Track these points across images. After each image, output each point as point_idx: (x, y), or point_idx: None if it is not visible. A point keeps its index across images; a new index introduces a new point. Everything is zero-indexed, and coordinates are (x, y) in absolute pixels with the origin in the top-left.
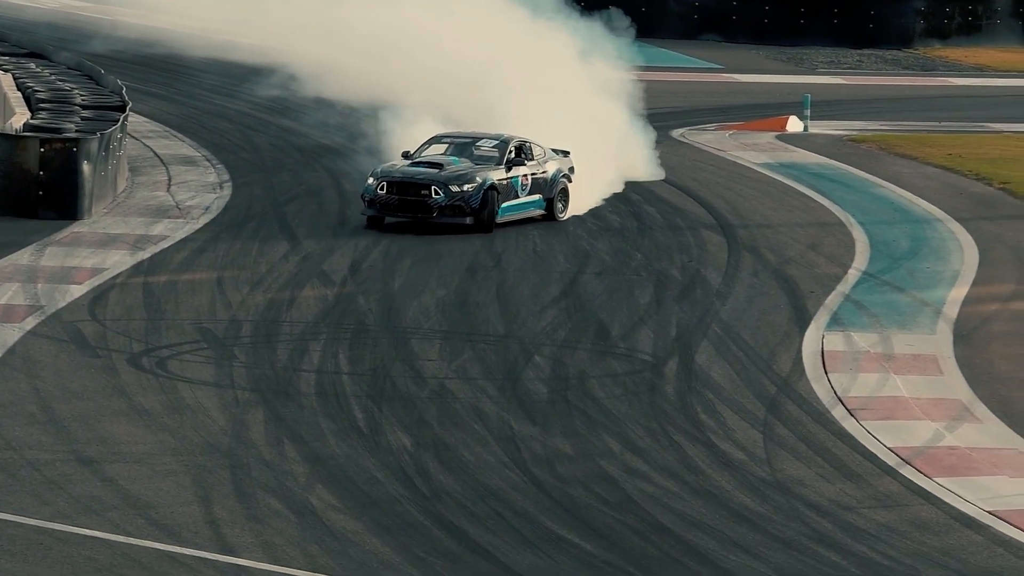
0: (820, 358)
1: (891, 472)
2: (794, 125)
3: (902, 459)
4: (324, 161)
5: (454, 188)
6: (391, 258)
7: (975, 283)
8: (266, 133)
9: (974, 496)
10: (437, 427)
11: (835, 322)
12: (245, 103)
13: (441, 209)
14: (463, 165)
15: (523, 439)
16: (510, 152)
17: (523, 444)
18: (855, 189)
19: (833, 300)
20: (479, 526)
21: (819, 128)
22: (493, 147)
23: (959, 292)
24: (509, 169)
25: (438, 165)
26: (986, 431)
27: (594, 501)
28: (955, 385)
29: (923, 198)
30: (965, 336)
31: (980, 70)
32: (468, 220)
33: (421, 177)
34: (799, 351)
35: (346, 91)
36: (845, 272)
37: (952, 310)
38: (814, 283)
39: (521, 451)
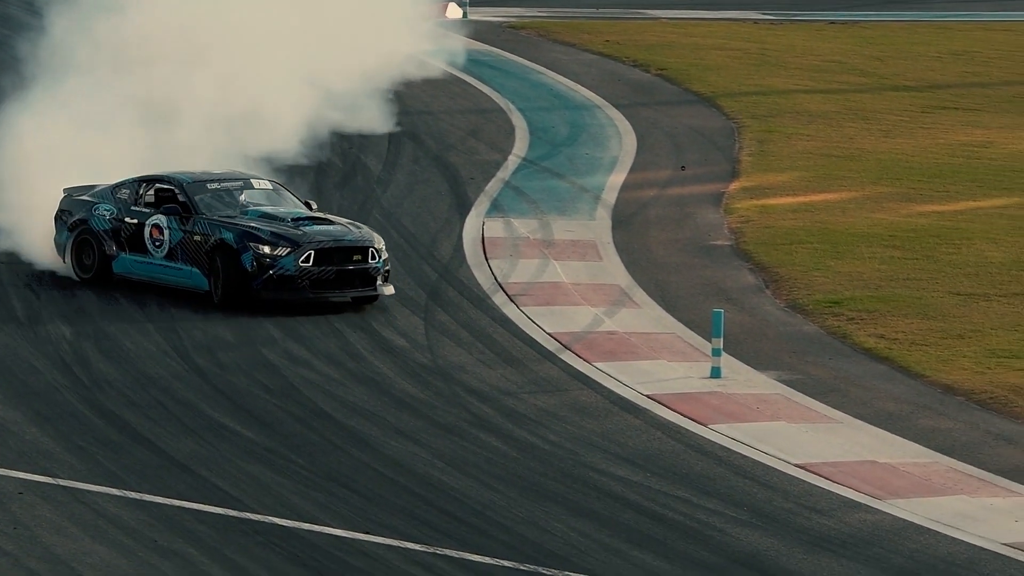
0: (481, 244)
1: (551, 357)
2: (453, 12)
3: (562, 344)
4: None
5: (379, 248)
6: None
7: (633, 169)
8: None
9: (633, 380)
10: (97, 317)
11: (495, 208)
12: None
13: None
14: (330, 216)
15: (184, 328)
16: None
17: (184, 333)
18: (514, 76)
19: (493, 187)
20: (140, 415)
21: (479, 15)
22: (274, 189)
23: (617, 178)
24: None
25: (326, 220)
26: (644, 316)
27: (256, 388)
28: (614, 270)
29: (582, 84)
30: (624, 222)
31: None
32: (391, 290)
33: (350, 239)
34: (460, 237)
35: None
36: (505, 159)
37: (611, 196)
38: (474, 170)
39: (183, 339)
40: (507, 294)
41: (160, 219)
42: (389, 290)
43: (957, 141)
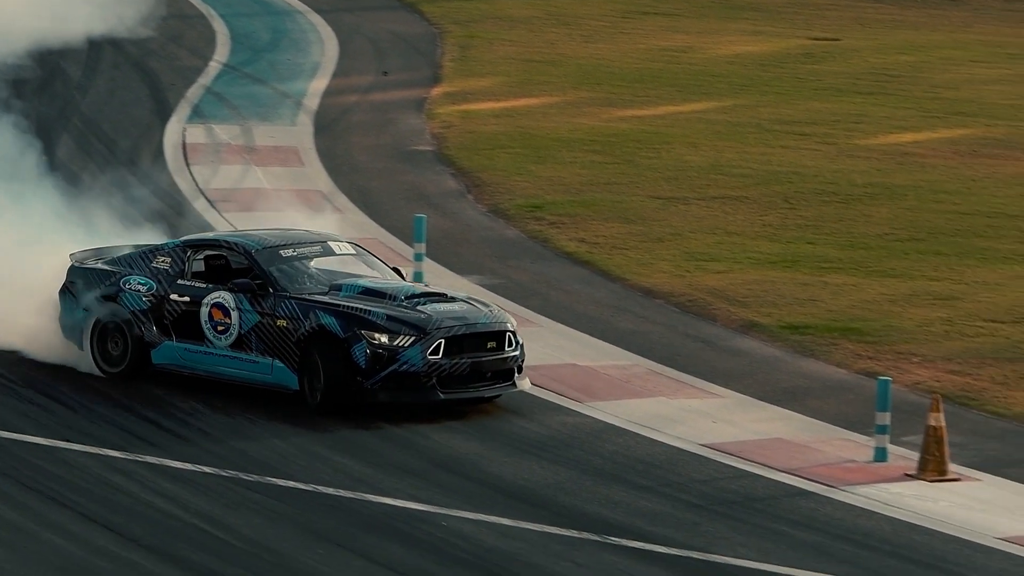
0: (182, 151)
1: None
2: None
3: None
4: None
5: (515, 330)
6: None
7: (335, 75)
8: None
9: None
10: None
11: (196, 115)
12: None
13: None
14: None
15: None
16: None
17: None
18: None
19: (194, 93)
20: None
21: None
22: (358, 254)
23: (320, 84)
24: None
25: (443, 295)
26: (346, 221)
27: None
28: (316, 176)
29: None
30: (326, 127)
31: None
32: (529, 384)
33: (483, 321)
34: (161, 144)
35: None
36: (206, 65)
37: (313, 102)
38: (175, 76)
39: None
40: (208, 200)
41: (225, 297)
42: (526, 384)
43: (657, 46)
